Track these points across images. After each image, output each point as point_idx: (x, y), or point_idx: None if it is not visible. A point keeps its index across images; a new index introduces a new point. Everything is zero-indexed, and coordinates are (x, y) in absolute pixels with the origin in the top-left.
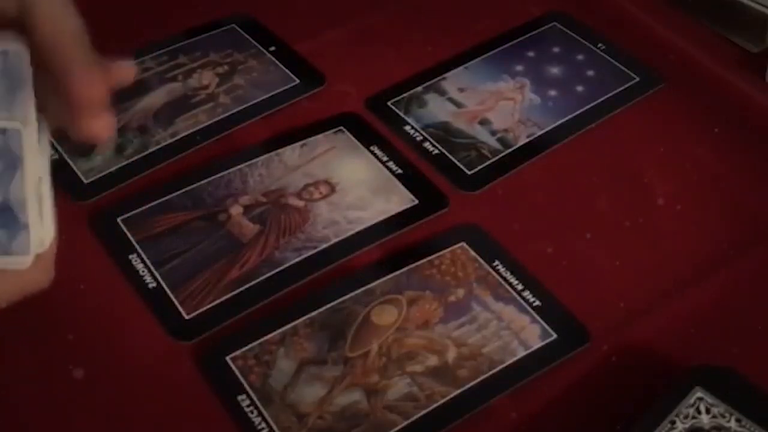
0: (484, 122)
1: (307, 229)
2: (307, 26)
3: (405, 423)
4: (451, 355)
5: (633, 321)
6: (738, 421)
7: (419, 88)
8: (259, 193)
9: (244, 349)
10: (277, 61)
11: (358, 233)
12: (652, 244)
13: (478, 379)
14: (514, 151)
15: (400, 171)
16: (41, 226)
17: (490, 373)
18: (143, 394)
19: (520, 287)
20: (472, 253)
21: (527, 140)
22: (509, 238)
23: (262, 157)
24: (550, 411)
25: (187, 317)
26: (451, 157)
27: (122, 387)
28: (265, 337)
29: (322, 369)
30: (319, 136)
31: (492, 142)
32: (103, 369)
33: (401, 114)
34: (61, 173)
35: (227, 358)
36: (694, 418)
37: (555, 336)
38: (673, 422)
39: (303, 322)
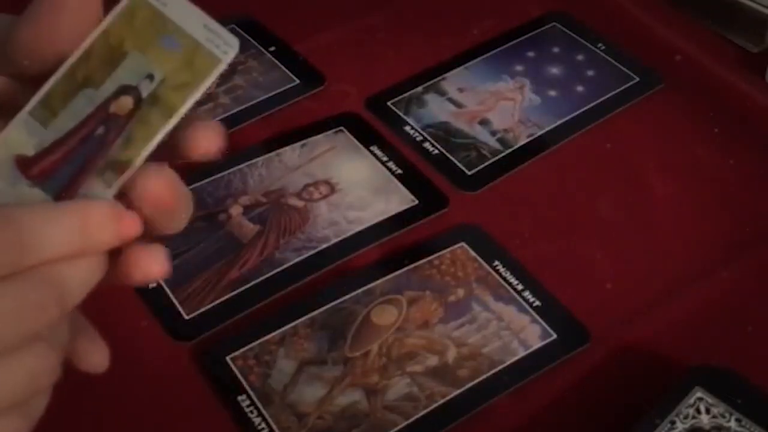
0: (484, 122)
1: (307, 229)
2: (307, 26)
3: (405, 423)
4: (451, 355)
5: (633, 321)
6: (738, 421)
7: (419, 89)
8: (259, 193)
9: (244, 349)
10: (277, 61)
11: (358, 233)
12: (651, 244)
13: (478, 379)
14: (514, 151)
15: (400, 171)
16: None
17: (490, 373)
18: (143, 394)
19: (520, 287)
20: (472, 253)
21: (527, 140)
22: (509, 238)
23: (261, 158)
24: (550, 411)
25: (187, 317)
26: (451, 157)
27: (122, 387)
28: (265, 337)
29: (322, 369)
30: (319, 137)
31: (492, 142)
32: None
33: (401, 114)
34: None
35: (227, 358)
36: (694, 418)
37: (555, 336)
38: (673, 422)
39: (303, 322)
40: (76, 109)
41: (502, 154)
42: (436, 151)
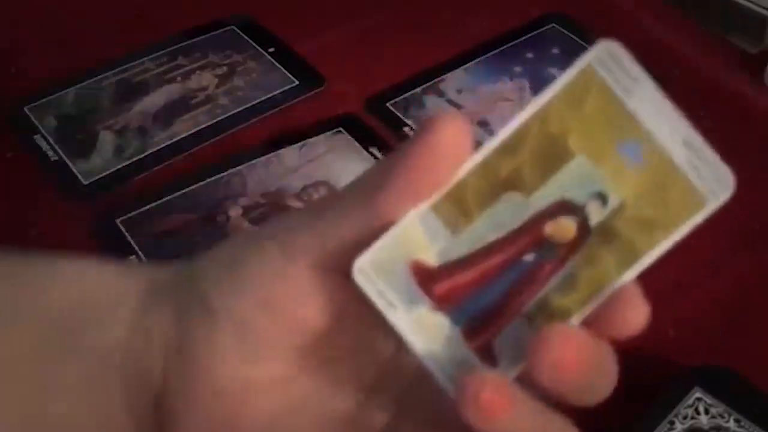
0: (482, 123)
1: None
2: (306, 27)
3: None
4: None
5: None
6: (737, 421)
7: (418, 90)
8: (258, 194)
9: None
10: (276, 63)
11: None
12: None
13: None
14: None
15: None
16: None
17: None
18: None
19: None
20: None
21: None
22: None
23: (261, 159)
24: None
25: None
26: None
27: None
28: None
29: None
30: (319, 138)
31: None
32: None
33: (400, 115)
34: (60, 174)
35: None
36: (693, 418)
37: None
38: (672, 423)
39: None
40: (496, 217)
41: None
42: None
